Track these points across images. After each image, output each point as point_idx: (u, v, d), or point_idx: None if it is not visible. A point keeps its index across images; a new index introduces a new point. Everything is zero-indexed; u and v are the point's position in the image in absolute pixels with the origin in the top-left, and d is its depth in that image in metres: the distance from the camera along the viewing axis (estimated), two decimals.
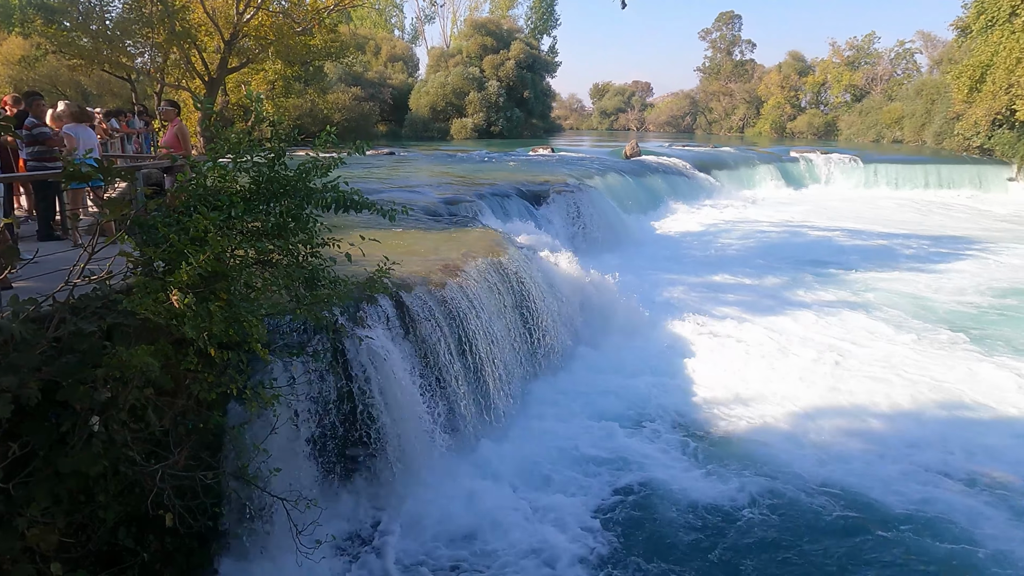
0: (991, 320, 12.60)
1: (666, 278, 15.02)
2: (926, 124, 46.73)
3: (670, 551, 6.00)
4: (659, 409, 8.56)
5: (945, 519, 6.40)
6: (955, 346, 11.07)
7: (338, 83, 42.88)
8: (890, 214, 26.16)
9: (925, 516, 6.44)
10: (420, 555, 5.94)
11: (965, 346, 11.07)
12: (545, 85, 62.39)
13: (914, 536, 6.17)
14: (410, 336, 7.25)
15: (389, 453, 6.51)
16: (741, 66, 79.49)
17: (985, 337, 11.55)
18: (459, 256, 9.08)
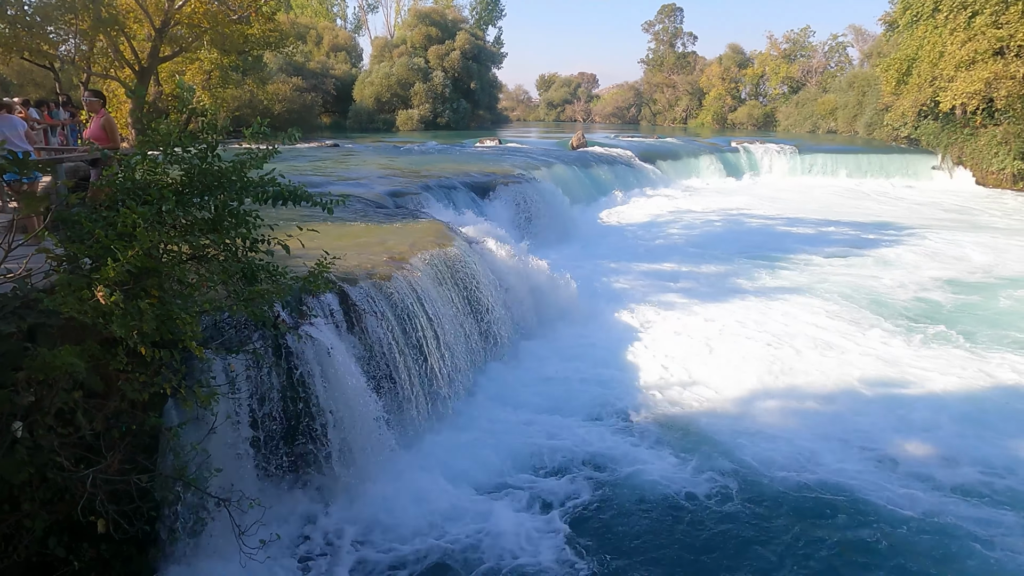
0: (922, 303, 13.24)
1: (613, 267, 15.24)
2: (858, 115, 48.60)
3: (625, 538, 6.11)
4: (606, 396, 8.70)
5: (873, 493, 6.70)
6: (888, 328, 11.59)
7: (279, 73, 41.76)
8: (826, 202, 27.15)
9: (856, 493, 6.74)
10: (368, 553, 5.89)
11: (896, 328, 11.60)
12: (491, 76, 62.18)
13: (849, 511, 6.47)
14: (355, 330, 7.15)
15: (336, 450, 6.42)
16: (683, 58, 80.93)
17: (918, 318, 12.13)
18: (405, 248, 9.01)
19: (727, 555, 5.88)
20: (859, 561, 5.79)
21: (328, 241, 8.92)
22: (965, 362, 9.97)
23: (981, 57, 30.50)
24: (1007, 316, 12.37)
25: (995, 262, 16.51)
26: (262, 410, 5.97)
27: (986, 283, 14.66)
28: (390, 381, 7.30)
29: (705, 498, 6.65)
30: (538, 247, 15.44)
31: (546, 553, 5.85)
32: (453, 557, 5.82)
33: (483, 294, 9.59)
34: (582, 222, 19.73)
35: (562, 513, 6.41)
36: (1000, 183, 31.78)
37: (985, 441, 7.67)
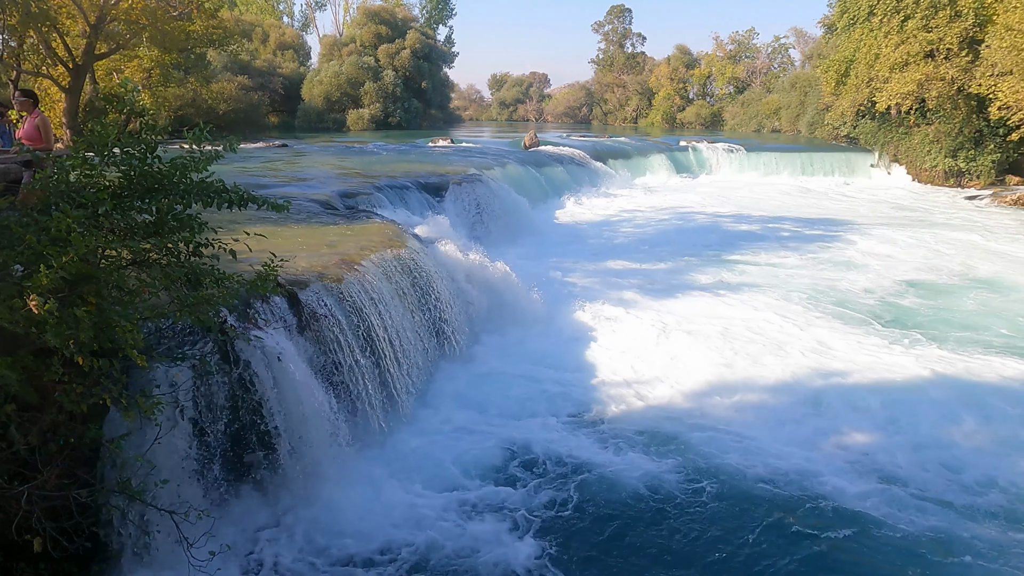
0: (871, 295, 13.73)
1: (567, 266, 15.35)
2: (800, 115, 50.16)
3: (584, 538, 6.15)
4: (563, 395, 8.77)
5: (820, 482, 6.93)
6: (836, 320, 11.99)
7: (223, 72, 40.65)
8: (772, 199, 27.95)
9: (804, 480, 6.96)
10: (321, 560, 5.79)
11: (844, 319, 12.02)
12: (443, 75, 61.87)
13: (797, 498, 6.68)
14: (307, 333, 7.03)
15: (288, 456, 6.30)
16: (633, 58, 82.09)
17: (865, 311, 12.58)
18: (357, 250, 8.89)
19: (686, 553, 5.99)
20: (815, 552, 5.98)
21: (277, 244, 8.73)
22: (912, 352, 10.39)
23: (913, 59, 31.86)
24: (956, 310, 12.95)
25: (933, 255, 17.26)
26: (210, 418, 5.81)
27: (931, 280, 15.32)
28: (343, 384, 7.20)
29: (664, 495, 6.72)
30: (493, 247, 15.44)
31: (502, 554, 5.85)
32: (406, 561, 5.78)
33: (437, 295, 9.54)
34: (536, 221, 19.83)
35: (518, 513, 6.41)
36: (933, 180, 33.28)
37: (927, 429, 8.00)
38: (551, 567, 5.72)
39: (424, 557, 5.84)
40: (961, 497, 6.70)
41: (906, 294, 13.79)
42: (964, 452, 7.48)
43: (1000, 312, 12.65)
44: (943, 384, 9.18)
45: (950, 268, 15.90)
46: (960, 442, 7.69)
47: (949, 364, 9.95)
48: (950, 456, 7.40)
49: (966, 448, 7.56)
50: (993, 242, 19.19)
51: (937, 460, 7.32)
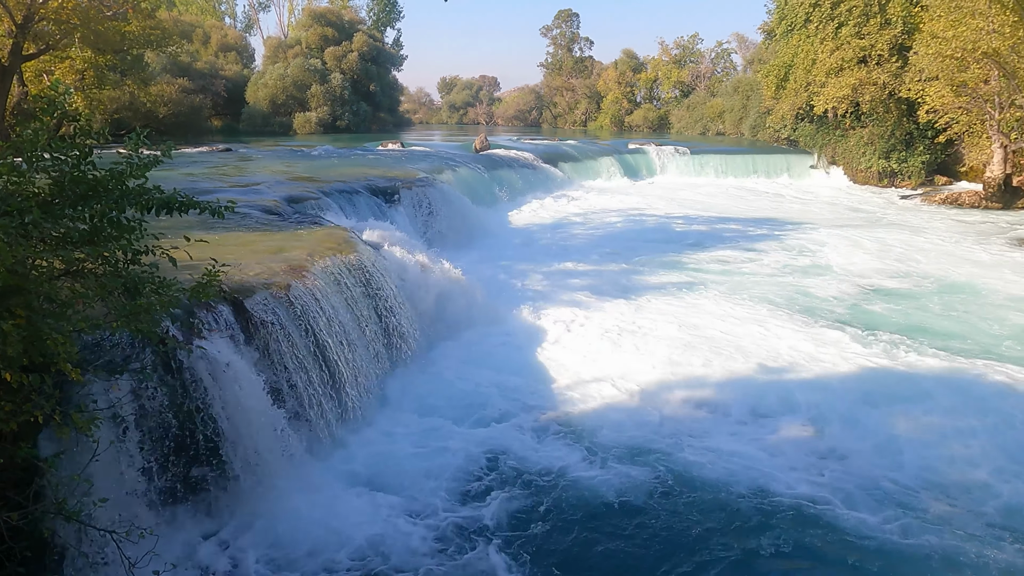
0: (811, 292, 14.20)
1: (520, 268, 15.40)
2: (743, 118, 51.61)
3: (542, 541, 6.17)
4: (516, 398, 8.78)
5: (771, 480, 7.12)
6: (783, 315, 12.35)
7: (163, 74, 39.31)
8: (717, 200, 28.64)
9: (756, 478, 7.14)
10: (275, 573, 5.66)
11: (790, 314, 12.39)
12: (392, 78, 61.30)
13: (748, 497, 6.84)
14: (254, 342, 6.86)
15: (238, 468, 6.13)
16: (581, 62, 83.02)
17: (808, 307, 13.00)
18: (304, 256, 8.71)
19: (638, 553, 6.06)
20: (763, 550, 6.13)
21: (222, 252, 8.47)
22: (855, 346, 10.77)
23: (847, 65, 33.16)
24: (896, 306, 13.50)
25: (879, 253, 17.96)
26: (153, 432, 5.60)
27: (880, 280, 15.93)
28: (293, 393, 7.05)
29: (618, 496, 6.79)
30: (445, 251, 15.36)
31: (456, 563, 5.82)
32: (360, 571, 5.69)
33: (389, 300, 9.44)
34: (488, 224, 19.82)
35: (473, 519, 6.39)
36: (868, 180, 34.69)
37: (874, 423, 8.30)
38: (505, 570, 5.72)
39: (377, 565, 5.75)
40: (910, 491, 6.98)
41: (853, 292, 14.30)
42: (909, 443, 7.78)
43: (942, 307, 13.25)
44: (891, 378, 9.56)
45: (896, 268, 16.54)
46: (906, 434, 8.00)
47: (898, 359, 10.36)
48: (894, 446, 7.70)
49: (910, 439, 7.87)
50: (924, 237, 20.11)
51: (881, 450, 7.61)
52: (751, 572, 5.80)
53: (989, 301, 13.57)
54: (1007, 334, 11.57)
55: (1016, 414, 8.35)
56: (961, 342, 11.15)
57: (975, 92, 25.51)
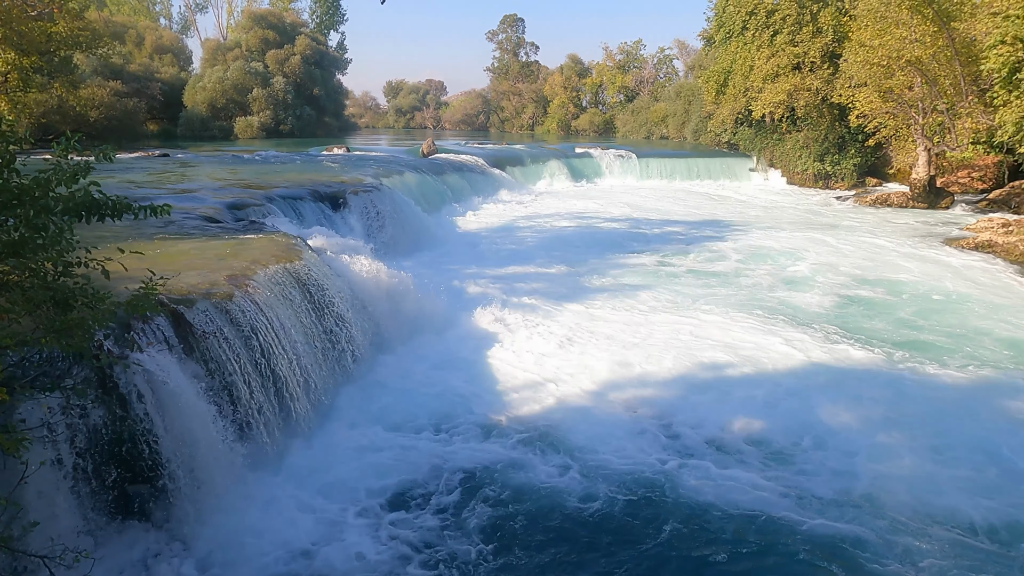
0: (751, 290, 14.64)
1: (469, 273, 15.39)
2: (685, 122, 52.88)
3: (489, 545, 6.18)
4: (466, 404, 8.77)
5: (710, 475, 7.31)
6: (727, 313, 12.69)
7: (93, 76, 37.72)
8: (662, 203, 29.25)
9: (696, 474, 7.32)
10: None
11: (734, 312, 12.74)
12: (336, 82, 60.40)
13: (688, 493, 7.00)
14: (195, 355, 6.65)
15: (179, 484, 5.93)
16: (527, 67, 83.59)
17: (747, 305, 13.40)
18: (247, 264, 8.50)
19: (585, 554, 6.14)
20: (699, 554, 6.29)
21: (160, 262, 8.24)
22: (801, 340, 11.16)
23: (783, 71, 34.42)
24: (837, 301, 14.04)
25: (820, 252, 18.65)
26: (89, 451, 5.37)
27: (814, 274, 16.53)
28: (237, 405, 6.86)
29: (565, 497, 6.86)
30: (393, 256, 15.24)
31: (396, 562, 5.79)
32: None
33: (336, 308, 9.29)
34: (437, 229, 19.75)
35: (422, 527, 6.35)
36: (804, 182, 36.04)
37: (811, 415, 8.62)
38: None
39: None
40: (841, 479, 7.27)
41: (793, 288, 14.82)
42: (844, 433, 8.12)
43: (863, 294, 13.86)
44: (831, 371, 9.94)
45: (836, 263, 17.21)
46: (836, 424, 8.34)
47: (837, 352, 10.78)
48: (826, 436, 8.02)
49: (844, 430, 8.21)
50: (857, 235, 21.00)
51: (816, 441, 7.91)
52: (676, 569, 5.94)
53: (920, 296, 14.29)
54: (931, 327, 12.19)
55: (944, 407, 8.82)
56: (890, 334, 11.70)
57: (900, 98, 26.82)
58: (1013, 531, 6.35)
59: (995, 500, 6.77)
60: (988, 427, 8.24)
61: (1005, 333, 11.83)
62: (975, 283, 15.32)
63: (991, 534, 6.32)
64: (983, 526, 6.42)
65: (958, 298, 14.06)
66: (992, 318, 12.68)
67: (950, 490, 6.93)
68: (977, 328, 12.09)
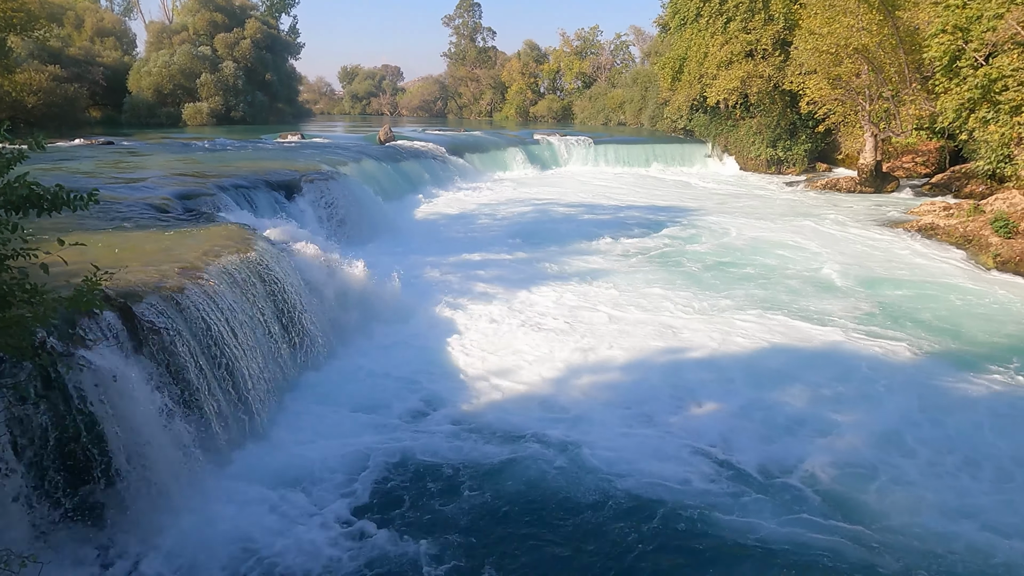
0: (710, 274, 14.92)
1: (427, 261, 15.30)
2: (642, 108, 53.37)
3: (434, 529, 6.21)
4: (425, 393, 8.75)
5: (668, 462, 7.42)
6: (681, 298, 12.92)
7: (30, 60, 36.06)
8: (620, 189, 29.53)
9: (655, 461, 7.44)
10: None
11: (688, 297, 12.97)
12: (289, 67, 59.07)
13: (645, 482, 7.14)
14: (144, 350, 6.47)
15: (132, 484, 5.78)
16: (484, 53, 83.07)
17: (706, 289, 13.65)
18: (198, 256, 8.27)
19: (540, 547, 6.20)
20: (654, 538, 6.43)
21: (105, 254, 7.97)
22: (758, 324, 11.44)
23: (736, 58, 34.95)
24: (782, 285, 14.39)
25: (761, 236, 19.09)
26: (32, 452, 5.19)
27: (749, 255, 16.91)
28: (191, 401, 6.70)
29: (521, 488, 6.90)
30: (350, 246, 15.04)
31: (364, 560, 5.77)
32: None
33: (292, 299, 9.14)
34: (394, 218, 19.55)
35: (379, 522, 6.29)
36: (758, 168, 36.79)
37: (767, 395, 8.87)
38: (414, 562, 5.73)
39: (289, 570, 5.61)
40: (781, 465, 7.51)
41: (750, 274, 15.14)
42: (794, 411, 8.38)
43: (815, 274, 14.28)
44: (784, 352, 10.23)
45: (791, 241, 17.66)
46: (791, 404, 8.60)
47: (791, 333, 11.09)
48: (783, 420, 8.27)
49: (796, 408, 8.48)
50: (806, 220, 21.60)
51: (769, 421, 8.15)
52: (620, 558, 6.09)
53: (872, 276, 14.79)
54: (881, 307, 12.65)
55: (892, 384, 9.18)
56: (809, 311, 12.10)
57: (848, 85, 27.53)
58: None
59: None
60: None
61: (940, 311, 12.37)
62: (908, 264, 15.95)
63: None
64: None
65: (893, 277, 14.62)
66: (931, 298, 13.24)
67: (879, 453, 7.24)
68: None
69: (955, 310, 12.57)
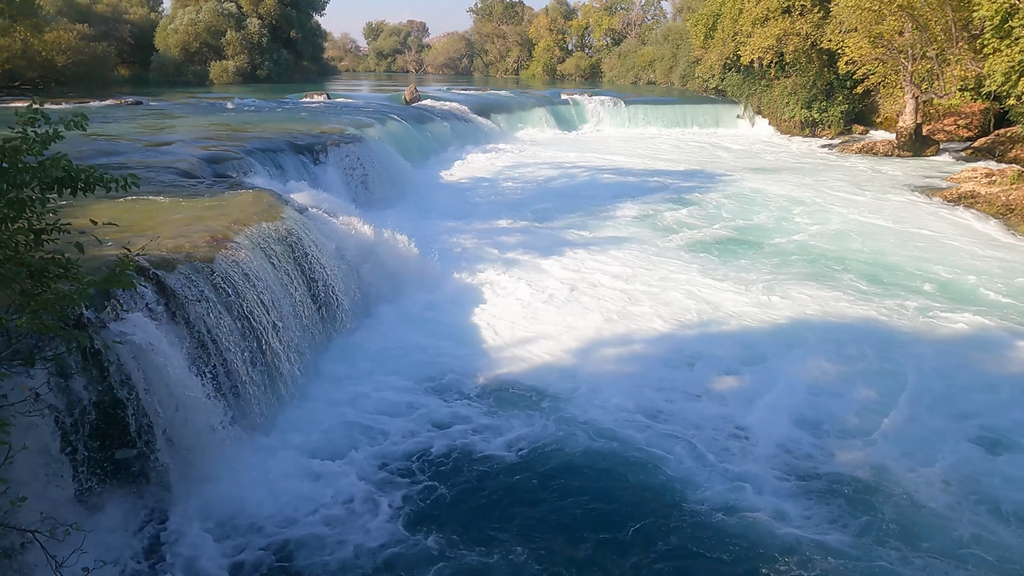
0: (739, 245, 14.67)
1: (453, 226, 15.26)
2: (673, 67, 51.88)
3: (459, 502, 6.31)
4: (452, 363, 8.81)
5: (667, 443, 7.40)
6: (711, 268, 12.74)
7: (58, 18, 36.13)
8: (648, 151, 28.99)
9: (651, 445, 7.38)
10: (216, 553, 5.59)
11: (718, 268, 12.79)
12: (314, 24, 58.38)
13: (642, 462, 7.15)
14: (178, 320, 6.58)
15: (168, 451, 5.95)
16: (511, 8, 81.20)
17: (729, 257, 13.44)
18: (228, 224, 8.32)
19: (557, 517, 6.27)
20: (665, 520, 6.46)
21: (137, 221, 8.06)
22: (785, 300, 11.27)
23: (772, 15, 33.65)
24: (806, 256, 14.11)
25: (808, 197, 18.66)
26: (74, 422, 5.35)
27: (769, 234, 16.56)
28: (223, 369, 6.83)
29: (540, 460, 6.94)
30: (376, 210, 15.06)
31: (390, 531, 5.90)
32: (307, 544, 5.70)
33: (320, 267, 9.19)
34: (420, 181, 19.46)
35: (409, 486, 6.45)
36: (791, 130, 35.74)
37: (794, 372, 8.78)
38: (430, 541, 5.85)
39: (321, 537, 5.77)
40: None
41: (788, 247, 14.84)
42: (824, 394, 8.29)
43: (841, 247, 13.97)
44: (815, 328, 10.07)
45: (823, 211, 17.27)
46: (821, 382, 8.51)
47: (820, 305, 10.91)
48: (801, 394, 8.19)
49: (825, 389, 8.39)
50: (841, 192, 21.04)
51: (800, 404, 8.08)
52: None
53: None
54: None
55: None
56: None
57: (890, 44, 26.42)
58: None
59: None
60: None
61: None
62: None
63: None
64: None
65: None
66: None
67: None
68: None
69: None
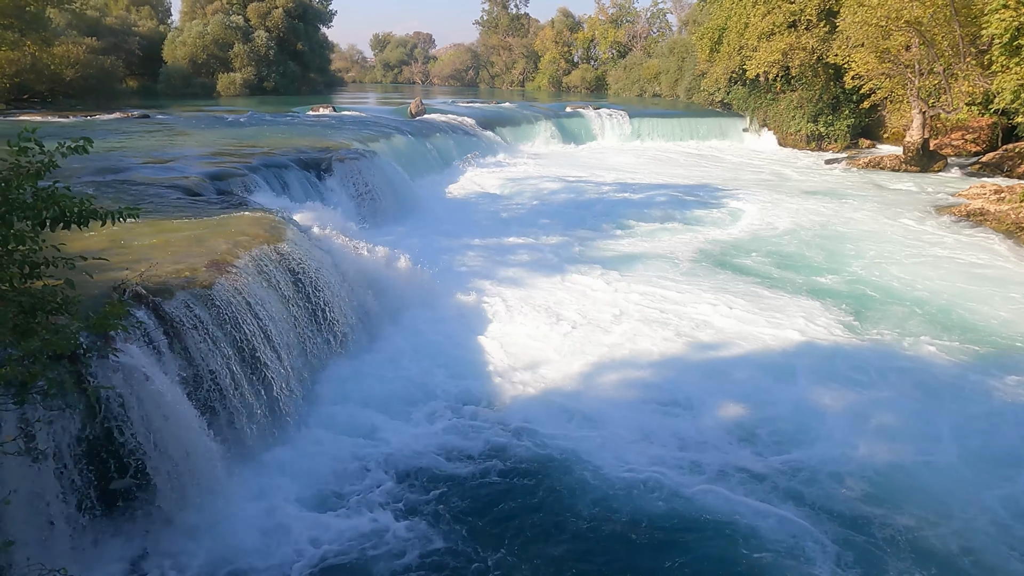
0: (746, 257, 14.53)
1: (459, 244, 15.17)
2: (679, 80, 51.94)
3: (452, 531, 6.20)
4: (453, 388, 8.68)
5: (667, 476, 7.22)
6: (721, 289, 12.57)
7: (68, 32, 36.38)
8: (654, 166, 28.89)
9: (648, 476, 7.16)
10: None
11: (727, 288, 12.64)
12: (321, 36, 58.73)
13: (635, 496, 7.00)
14: (175, 348, 6.48)
15: (162, 486, 5.84)
16: (517, 20, 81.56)
17: (746, 275, 13.29)
18: (229, 247, 8.24)
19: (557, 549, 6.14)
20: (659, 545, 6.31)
21: (136, 242, 7.99)
22: (795, 326, 11.11)
23: (778, 29, 33.61)
24: (818, 262, 13.96)
25: (814, 220, 18.51)
26: (67, 457, 5.24)
27: (814, 252, 16.41)
28: (221, 399, 6.72)
29: (534, 490, 6.85)
30: (381, 228, 15.01)
31: (400, 562, 5.77)
32: None
33: (322, 290, 9.09)
34: (426, 197, 19.39)
35: (406, 515, 6.36)
36: (797, 144, 35.64)
37: (797, 400, 8.62)
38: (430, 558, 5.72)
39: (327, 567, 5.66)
40: None
41: (787, 263, 14.70)
42: (824, 418, 8.13)
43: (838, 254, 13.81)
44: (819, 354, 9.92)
45: (831, 231, 17.12)
46: (822, 407, 8.35)
47: (852, 337, 10.75)
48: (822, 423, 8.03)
49: (825, 414, 8.23)
50: (850, 205, 20.87)
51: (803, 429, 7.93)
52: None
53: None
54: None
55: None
56: None
57: (897, 59, 26.32)
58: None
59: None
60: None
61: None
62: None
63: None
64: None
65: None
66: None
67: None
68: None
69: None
